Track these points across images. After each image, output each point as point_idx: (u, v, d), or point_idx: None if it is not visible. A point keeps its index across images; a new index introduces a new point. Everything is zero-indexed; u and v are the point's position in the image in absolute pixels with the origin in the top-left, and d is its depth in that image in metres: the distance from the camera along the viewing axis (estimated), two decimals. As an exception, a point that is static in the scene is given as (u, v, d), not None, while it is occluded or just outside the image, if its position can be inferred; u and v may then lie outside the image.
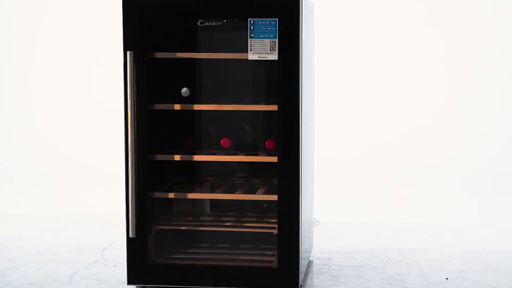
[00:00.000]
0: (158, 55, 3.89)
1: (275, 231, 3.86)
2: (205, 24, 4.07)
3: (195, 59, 4.19)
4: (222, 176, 4.29)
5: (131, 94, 3.79)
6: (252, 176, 4.30)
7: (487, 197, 5.86)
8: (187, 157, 4.01)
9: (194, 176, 4.32)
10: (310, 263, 4.50)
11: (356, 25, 6.00)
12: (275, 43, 3.78)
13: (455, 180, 5.96)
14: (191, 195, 4.03)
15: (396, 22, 5.97)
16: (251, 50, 3.80)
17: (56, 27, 6.19)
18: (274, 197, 3.86)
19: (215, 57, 4.05)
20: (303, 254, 3.98)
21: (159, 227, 4.05)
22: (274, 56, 3.79)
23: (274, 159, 3.87)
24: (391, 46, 5.99)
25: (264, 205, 4.23)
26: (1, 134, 6.33)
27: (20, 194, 6.05)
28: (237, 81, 4.24)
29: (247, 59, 3.80)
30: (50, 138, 6.20)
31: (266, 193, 4.04)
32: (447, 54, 6.00)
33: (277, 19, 3.76)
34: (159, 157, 3.98)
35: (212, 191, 4.18)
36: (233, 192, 4.07)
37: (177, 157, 3.98)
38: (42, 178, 6.14)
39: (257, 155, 4.05)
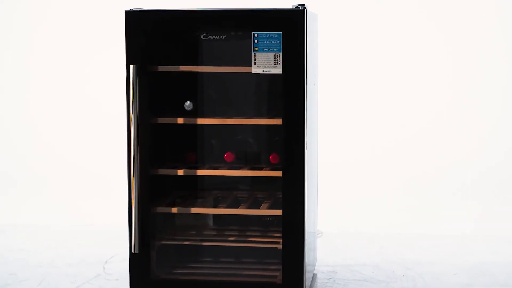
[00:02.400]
0: (161, 68, 3.85)
1: (279, 246, 3.81)
2: (208, 37, 4.03)
3: (198, 72, 4.15)
4: (226, 190, 4.25)
5: (133, 108, 3.75)
6: (256, 189, 4.26)
7: (491, 206, 5.80)
8: (190, 172, 3.97)
9: (197, 189, 4.27)
10: (314, 276, 4.45)
11: (359, 35, 5.96)
12: (279, 56, 3.74)
13: (458, 189, 5.90)
14: (194, 210, 3.99)
15: (399, 31, 5.93)
16: (255, 64, 3.75)
17: (58, 38, 6.14)
18: (279, 212, 3.81)
19: (218, 71, 4.01)
20: (307, 268, 3.93)
21: (162, 242, 4.00)
22: (278, 70, 3.74)
23: (278, 173, 3.82)
24: (394, 54, 5.95)
25: (268, 218, 4.19)
26: (1, 143, 6.28)
27: (21, 204, 6.02)
28: (240, 94, 4.20)
29: (251, 72, 3.74)
30: (51, 148, 6.15)
31: (270, 207, 4.00)
32: (448, 63, 5.95)
33: (281, 32, 3.71)
34: (162, 171, 3.94)
35: (215, 205, 4.14)
36: (236, 207, 4.03)
37: (180, 172, 3.94)
38: (43, 188, 6.09)
39: (261, 169, 4.01)
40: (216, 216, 4.23)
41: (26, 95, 6.24)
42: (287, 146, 3.73)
